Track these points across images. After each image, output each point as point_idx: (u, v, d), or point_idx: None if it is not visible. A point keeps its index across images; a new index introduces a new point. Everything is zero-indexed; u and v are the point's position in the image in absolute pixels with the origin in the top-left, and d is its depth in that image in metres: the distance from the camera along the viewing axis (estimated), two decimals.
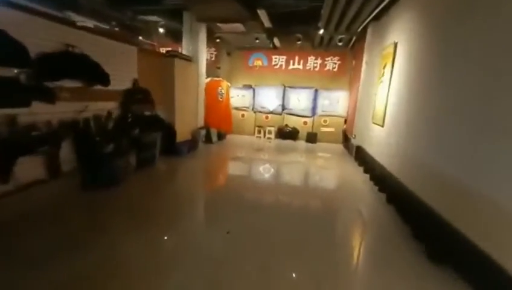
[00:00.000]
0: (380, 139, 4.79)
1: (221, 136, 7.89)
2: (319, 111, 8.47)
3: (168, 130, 5.72)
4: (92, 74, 3.44)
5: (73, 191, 3.43)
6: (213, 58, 9.33)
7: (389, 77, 4.46)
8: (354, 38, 7.36)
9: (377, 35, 5.63)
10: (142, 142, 4.77)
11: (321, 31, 5.61)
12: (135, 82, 4.69)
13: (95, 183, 3.65)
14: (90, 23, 6.79)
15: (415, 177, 3.20)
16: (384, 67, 4.84)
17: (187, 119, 6.37)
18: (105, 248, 2.33)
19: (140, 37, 7.42)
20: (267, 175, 5.06)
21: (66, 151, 3.30)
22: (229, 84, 8.87)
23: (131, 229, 2.69)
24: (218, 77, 8.88)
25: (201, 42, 6.80)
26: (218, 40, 6.62)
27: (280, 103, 8.65)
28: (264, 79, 9.13)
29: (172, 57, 5.54)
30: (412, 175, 3.32)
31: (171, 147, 5.77)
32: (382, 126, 4.66)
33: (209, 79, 7.84)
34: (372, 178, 4.76)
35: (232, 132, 9.09)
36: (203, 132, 7.04)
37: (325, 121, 8.42)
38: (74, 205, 3.18)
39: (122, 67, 4.31)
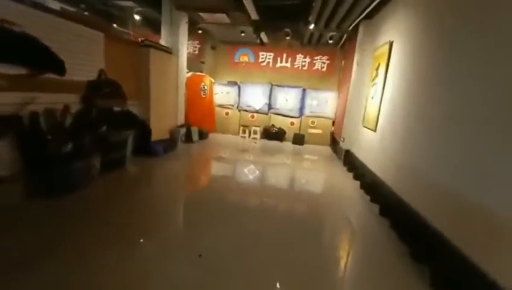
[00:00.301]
0: (371, 144, 4.50)
1: (203, 135, 7.38)
2: (306, 112, 8.15)
3: (142, 128, 5.16)
4: (39, 59, 2.86)
5: (15, 200, 2.84)
6: (196, 52, 8.78)
7: (382, 78, 4.16)
8: (345, 37, 7.07)
9: (369, 34, 5.34)
10: (109, 142, 4.20)
11: (311, 26, 5.25)
12: (102, 73, 4.11)
13: (47, 189, 3.09)
14: (55, 5, 6.07)
15: (413, 188, 2.89)
16: (377, 69, 4.54)
17: (165, 116, 5.83)
18: (52, 274, 1.83)
19: (114, 25, 6.74)
20: (250, 179, 4.64)
21: (5, 152, 2.71)
22: (212, 80, 8.36)
23: (88, 248, 2.19)
24: (201, 71, 8.36)
25: (182, 33, 6.25)
26: (200, 32, 6.10)
27: (267, 101, 8.26)
28: (250, 76, 8.69)
29: (148, 47, 4.98)
30: (409, 186, 3.02)
31: (145, 146, 5.21)
32: (374, 131, 4.36)
33: (190, 74, 7.29)
34: (362, 186, 4.46)
35: (216, 131, 8.59)
36: (183, 131, 6.51)
37: (312, 123, 8.12)
38: (14, 218, 2.61)
39: (84, 55, 3.73)
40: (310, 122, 8.12)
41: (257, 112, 8.37)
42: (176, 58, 6.19)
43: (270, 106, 8.35)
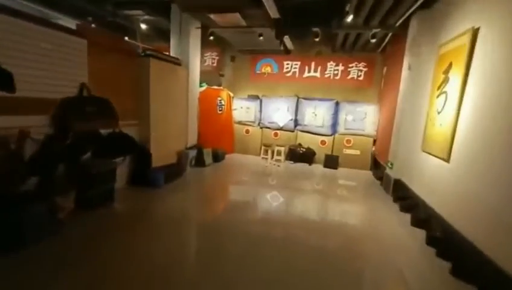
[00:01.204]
0: (440, 179, 3.12)
1: (218, 157, 6.42)
2: (340, 129, 6.83)
3: (140, 153, 4.34)
4: None
5: None
6: (215, 64, 8.03)
7: (459, 84, 2.84)
8: (387, 38, 5.78)
9: (427, 27, 4.04)
10: (91, 173, 3.38)
11: (350, 18, 4.10)
12: (84, 88, 3.34)
13: None
14: (71, 23, 5.69)
15: None
16: (446, 72, 3.22)
17: (171, 137, 4.97)
18: None
19: (126, 38, 6.23)
20: (269, 221, 3.48)
21: None
22: (231, 94, 7.48)
23: None
24: (219, 85, 7.54)
25: (193, 42, 5.48)
26: (211, 38, 5.27)
27: (292, 117, 7.11)
28: (274, 89, 7.66)
29: (147, 56, 4.21)
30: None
31: (144, 175, 4.36)
32: (446, 160, 3.00)
33: (205, 87, 6.47)
34: (427, 237, 3.05)
35: (234, 151, 7.61)
36: (193, 153, 5.60)
37: (348, 142, 6.76)
38: None
39: (57, 67, 2.98)
40: (344, 141, 6.77)
41: (281, 129, 7.25)
42: (186, 71, 5.40)
43: (296, 122, 7.19)
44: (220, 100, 6.85)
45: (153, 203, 3.82)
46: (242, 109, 7.52)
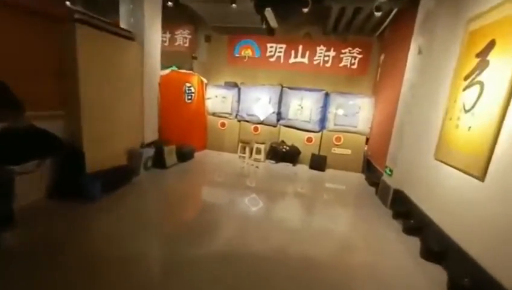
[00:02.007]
0: (467, 202, 2.26)
1: (185, 156, 5.35)
2: (329, 124, 5.93)
3: (66, 154, 3.22)
4: None
5: None
6: (186, 44, 6.85)
7: (510, 71, 1.94)
8: (387, 21, 4.86)
9: None
10: None
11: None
12: None
13: None
14: None
15: None
16: (483, 54, 2.32)
17: (117, 132, 3.86)
18: None
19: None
20: (234, 254, 2.53)
21: None
22: (204, 80, 6.36)
23: None
24: (192, 69, 6.40)
25: (150, 10, 4.29)
26: (170, 3, 4.12)
27: (275, 110, 6.12)
28: (255, 75, 6.61)
29: (73, 22, 3.03)
30: None
31: (73, 183, 3.25)
32: (479, 178, 2.14)
33: (168, 70, 5.32)
34: (449, 281, 2.22)
35: (206, 147, 6.57)
36: (150, 152, 4.50)
37: (338, 139, 5.88)
38: None
39: None
40: (334, 138, 5.89)
41: (262, 123, 6.25)
42: (140, 48, 4.23)
43: (279, 116, 6.21)
44: (189, 87, 5.72)
45: (76, 226, 2.75)
46: (217, 98, 6.43)
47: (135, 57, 4.16)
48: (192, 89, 5.82)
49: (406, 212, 3.42)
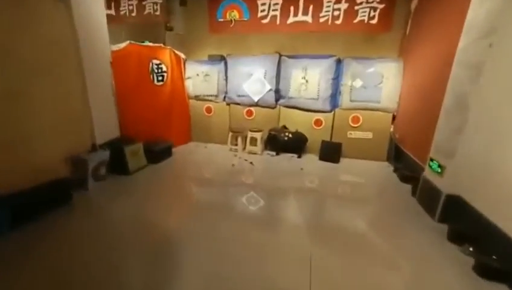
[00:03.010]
0: None
1: (159, 154, 4.19)
2: (344, 101, 4.56)
3: None
4: None
5: None
6: (157, 13, 5.43)
7: None
8: None
9: None
10: None
11: None
12: None
13: None
14: None
15: None
16: None
17: (37, 133, 2.69)
18: None
19: None
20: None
21: None
22: (182, 55, 5.02)
23: None
24: (164, 43, 5.07)
25: None
26: None
27: (272, 86, 4.78)
28: (244, 43, 5.21)
29: None
30: None
31: None
32: None
33: (124, 44, 4.00)
34: None
35: (190, 140, 5.38)
36: (101, 157, 3.33)
37: (355, 120, 4.54)
38: None
39: None
40: (350, 119, 4.55)
41: (257, 105, 4.94)
42: (66, 9, 2.92)
43: (278, 94, 4.88)
44: (159, 65, 4.41)
45: None
46: (199, 77, 5.10)
47: (57, 22, 2.86)
48: (164, 67, 4.51)
49: (474, 235, 2.19)
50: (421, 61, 3.62)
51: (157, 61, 4.38)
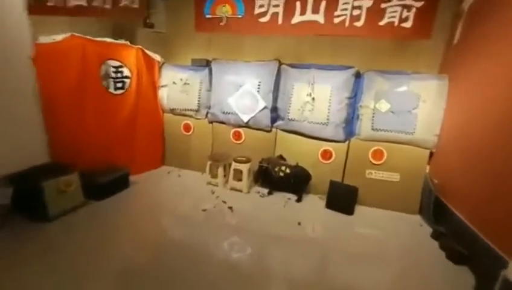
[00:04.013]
0: None
1: (107, 187, 3.06)
2: (364, 129, 3.34)
3: None
4: None
5: None
6: (135, 5, 4.41)
7: None
8: None
9: None
10: None
11: None
12: None
13: None
14: None
15: None
16: None
17: None
18: None
19: None
20: None
21: None
22: (157, 57, 3.97)
23: None
24: (132, 42, 4.04)
25: None
26: None
27: (268, 103, 3.61)
28: (237, 47, 4.16)
29: None
30: None
31: None
32: None
33: (65, 35, 2.94)
34: None
35: (162, 164, 4.25)
36: (5, 195, 2.22)
37: (378, 155, 3.31)
38: None
39: None
40: (370, 153, 3.32)
41: (247, 126, 3.78)
42: None
43: (276, 113, 3.72)
44: (118, 68, 3.34)
45: None
46: (176, 86, 4.00)
47: None
48: (126, 72, 3.43)
49: None
50: (485, 80, 2.43)
51: (116, 63, 3.31)
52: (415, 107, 3.13)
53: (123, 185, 3.32)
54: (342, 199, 3.21)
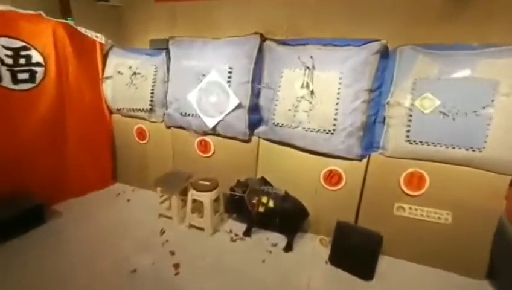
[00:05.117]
0: None
1: (10, 225, 2.08)
2: (392, 139, 2.07)
3: None
4: None
5: None
6: None
7: None
8: None
9: None
10: None
11: None
12: None
13: None
14: None
15: None
16: None
17: None
18: None
19: None
20: None
21: None
22: (99, 38, 2.87)
23: None
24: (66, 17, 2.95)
25: None
26: None
27: (243, 99, 2.41)
28: (208, 19, 2.97)
29: None
30: None
31: None
32: None
33: None
34: None
35: (110, 182, 3.20)
36: None
37: (414, 181, 2.05)
38: None
39: None
40: (402, 177, 2.07)
41: (214, 133, 2.60)
42: None
43: (256, 115, 2.51)
44: (19, 52, 2.28)
45: None
46: (123, 78, 2.89)
47: None
48: (35, 57, 2.37)
49: None
50: None
51: (15, 43, 2.24)
52: (486, 105, 1.82)
53: (33, 222, 2.31)
54: (356, 252, 2.00)
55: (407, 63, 2.02)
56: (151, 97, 2.79)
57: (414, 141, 1.99)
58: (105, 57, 3.00)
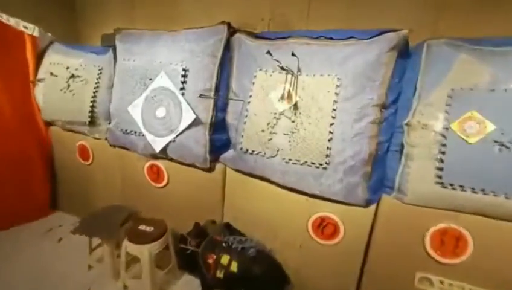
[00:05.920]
0: None
1: None
2: (414, 177, 1.37)
3: None
4: None
5: None
6: None
7: None
8: None
9: None
10: None
11: None
12: None
13: None
14: None
15: None
16: None
17: None
18: None
19: None
20: None
21: None
22: (30, 29, 2.23)
23: None
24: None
25: None
26: None
27: (202, 112, 1.74)
28: (173, 12, 2.32)
29: None
30: None
31: None
32: None
33: None
34: None
35: (54, 207, 2.55)
36: None
37: (449, 242, 1.34)
38: None
39: None
40: (429, 235, 1.37)
41: (166, 157, 1.92)
42: None
43: (223, 133, 1.84)
44: None
45: None
46: (57, 80, 2.25)
47: None
48: None
49: None
50: None
51: None
52: None
53: None
54: None
55: (440, 65, 1.33)
56: (92, 107, 2.14)
57: (451, 185, 1.29)
58: (42, 54, 2.37)
